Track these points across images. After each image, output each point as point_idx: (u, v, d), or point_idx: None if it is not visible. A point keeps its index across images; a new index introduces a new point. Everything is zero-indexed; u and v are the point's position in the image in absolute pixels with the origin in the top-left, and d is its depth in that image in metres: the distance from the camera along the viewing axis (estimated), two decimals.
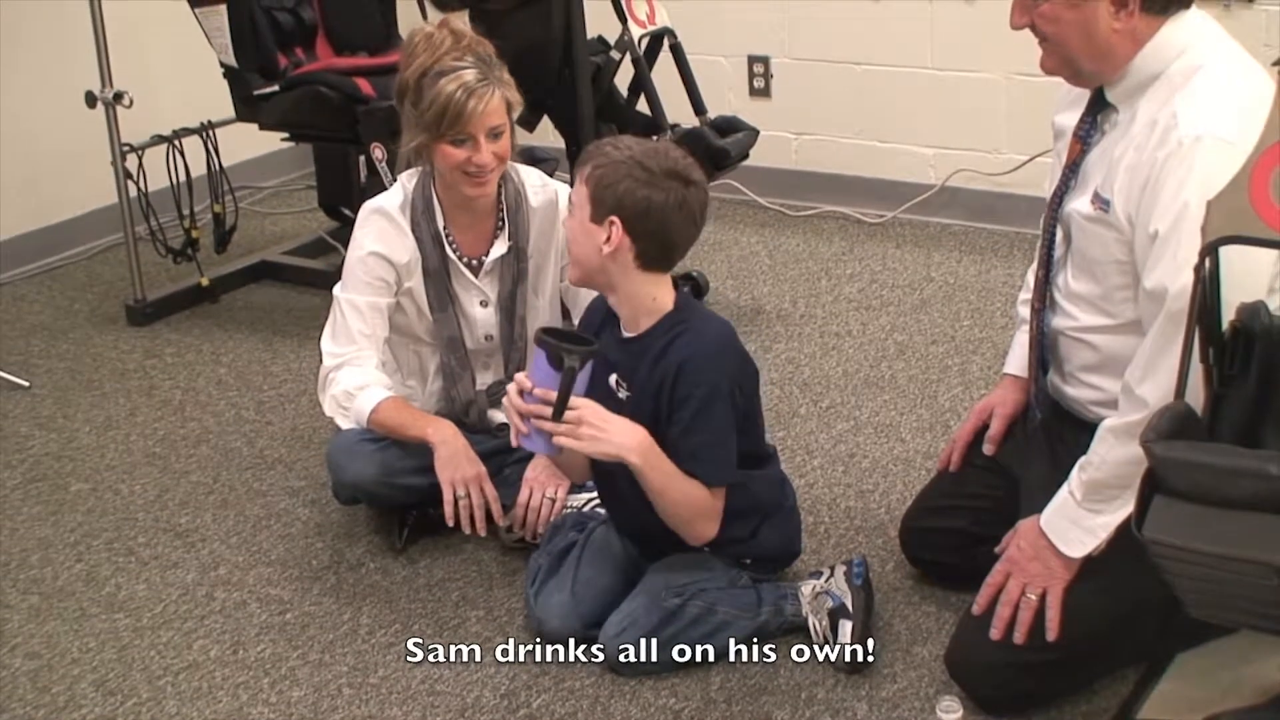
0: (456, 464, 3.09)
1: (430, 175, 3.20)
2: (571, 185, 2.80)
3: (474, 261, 3.24)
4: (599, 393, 2.74)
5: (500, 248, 3.22)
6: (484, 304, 3.27)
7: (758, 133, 4.46)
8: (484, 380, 3.34)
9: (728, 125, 4.44)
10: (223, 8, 4.45)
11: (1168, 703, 2.56)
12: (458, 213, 3.21)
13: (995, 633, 2.56)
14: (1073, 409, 2.72)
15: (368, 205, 3.24)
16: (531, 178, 3.28)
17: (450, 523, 3.09)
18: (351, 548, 3.28)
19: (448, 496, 3.08)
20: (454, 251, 3.21)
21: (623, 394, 2.81)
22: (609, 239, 2.68)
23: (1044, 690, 2.61)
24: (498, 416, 3.34)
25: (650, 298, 2.75)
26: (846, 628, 2.77)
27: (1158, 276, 2.34)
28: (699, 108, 4.51)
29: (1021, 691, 2.60)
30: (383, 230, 3.19)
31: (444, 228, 3.20)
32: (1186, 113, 2.36)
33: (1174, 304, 2.28)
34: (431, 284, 3.22)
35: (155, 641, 2.98)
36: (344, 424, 3.19)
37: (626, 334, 2.81)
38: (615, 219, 2.67)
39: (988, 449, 2.95)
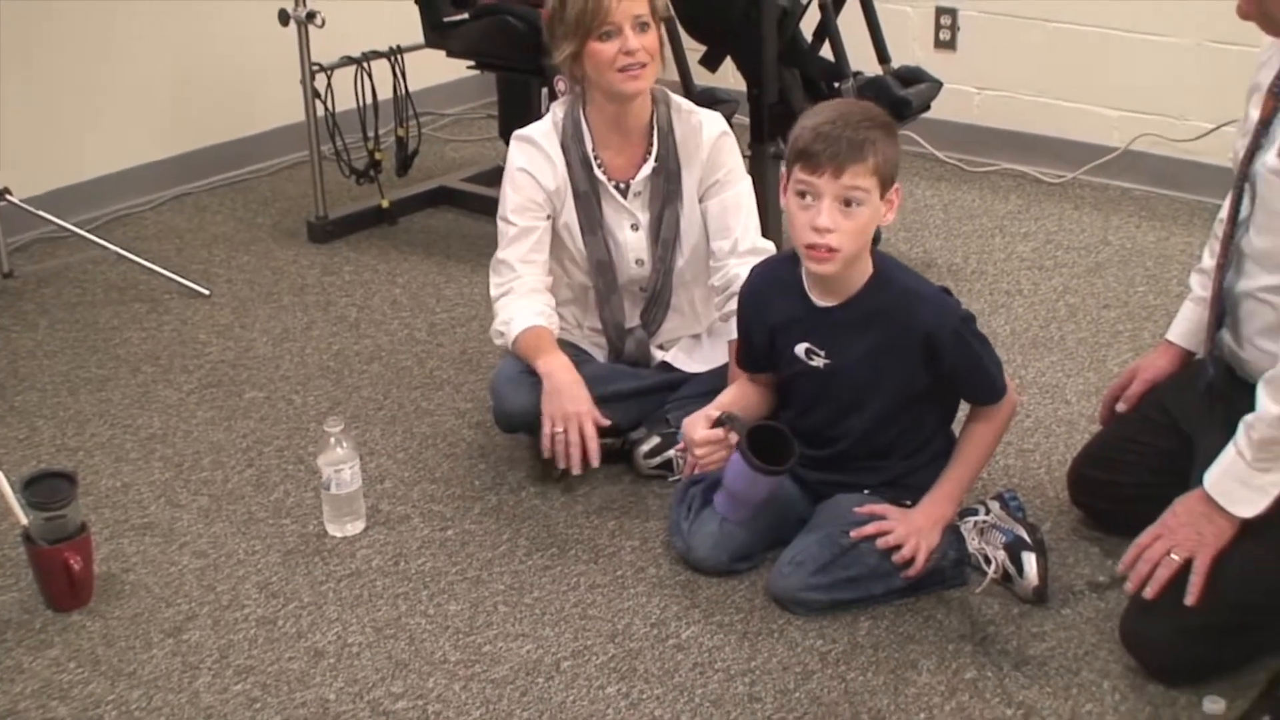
0: (559, 399, 3.09)
1: (581, 100, 3.22)
2: (782, 179, 2.71)
3: (622, 185, 3.25)
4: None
5: (648, 168, 3.23)
6: (634, 228, 3.28)
7: (940, 85, 4.42)
8: (634, 314, 3.37)
9: (911, 76, 4.41)
10: None
11: None
12: (609, 134, 3.22)
13: (1130, 585, 2.54)
14: (1248, 376, 2.67)
15: (515, 134, 3.28)
16: (680, 101, 3.28)
17: (546, 454, 3.12)
18: (513, 471, 3.33)
19: (546, 429, 3.09)
20: (602, 173, 3.23)
21: (818, 362, 2.81)
22: (893, 206, 2.69)
23: (1220, 658, 2.56)
24: (659, 353, 3.38)
25: (865, 259, 2.75)
26: (1030, 560, 2.77)
27: None
28: (883, 56, 4.48)
29: (1195, 659, 2.54)
30: (530, 155, 3.23)
31: (593, 150, 3.23)
32: None
33: None
34: (581, 206, 3.24)
35: (320, 548, 3.05)
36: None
37: (821, 303, 2.78)
38: (898, 184, 2.68)
39: (1120, 407, 2.97)
